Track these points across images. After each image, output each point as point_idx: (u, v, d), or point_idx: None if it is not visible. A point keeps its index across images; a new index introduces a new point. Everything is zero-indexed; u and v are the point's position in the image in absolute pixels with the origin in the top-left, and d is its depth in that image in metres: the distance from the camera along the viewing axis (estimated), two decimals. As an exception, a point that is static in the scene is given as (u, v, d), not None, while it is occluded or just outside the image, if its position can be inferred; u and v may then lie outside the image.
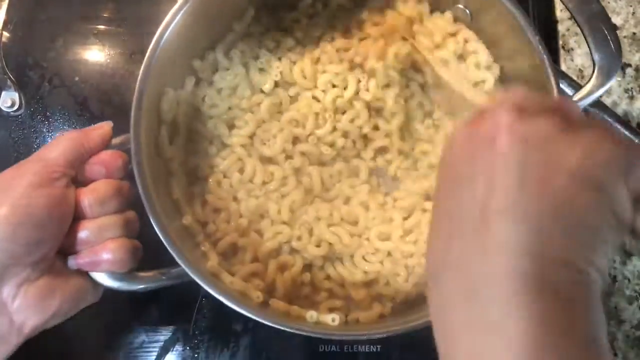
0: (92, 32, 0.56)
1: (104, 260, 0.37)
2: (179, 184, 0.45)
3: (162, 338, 0.49)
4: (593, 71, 0.45)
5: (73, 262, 0.37)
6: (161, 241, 0.38)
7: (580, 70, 0.59)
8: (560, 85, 0.44)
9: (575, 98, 0.44)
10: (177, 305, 0.50)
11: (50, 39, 0.55)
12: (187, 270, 0.38)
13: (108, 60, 0.55)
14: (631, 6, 0.61)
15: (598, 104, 0.55)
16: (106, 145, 0.39)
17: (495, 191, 0.24)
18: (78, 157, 0.37)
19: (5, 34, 0.55)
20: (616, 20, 0.60)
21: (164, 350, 0.49)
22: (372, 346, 0.48)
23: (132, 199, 0.39)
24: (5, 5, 0.50)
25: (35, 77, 0.54)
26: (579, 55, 0.59)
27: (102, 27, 0.56)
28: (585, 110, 0.54)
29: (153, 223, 0.38)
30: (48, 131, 0.53)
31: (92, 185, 0.37)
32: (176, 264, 0.38)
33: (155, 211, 0.38)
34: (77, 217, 0.37)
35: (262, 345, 0.49)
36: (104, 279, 0.38)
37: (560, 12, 0.60)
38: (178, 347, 0.49)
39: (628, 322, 0.52)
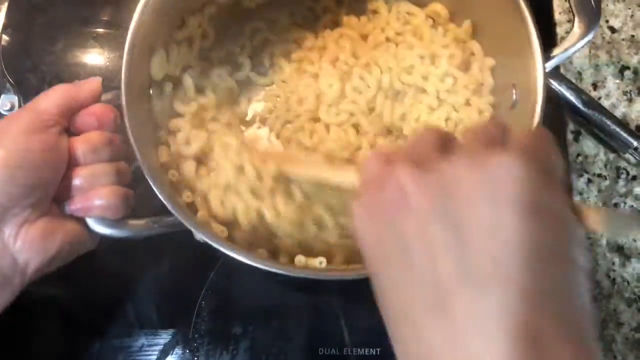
0: (92, 35, 0.56)
1: (96, 205, 0.38)
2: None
3: (162, 341, 0.49)
4: (572, 24, 0.45)
5: (67, 208, 0.39)
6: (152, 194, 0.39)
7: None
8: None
9: (555, 52, 0.45)
10: (176, 308, 0.50)
11: (49, 42, 0.55)
12: (178, 216, 0.38)
13: (107, 63, 0.56)
14: (629, 9, 0.61)
15: (596, 106, 0.55)
16: (96, 100, 0.41)
17: (438, 259, 0.22)
18: (69, 107, 0.39)
19: (5, 37, 0.55)
20: (614, 22, 0.60)
21: (164, 353, 0.49)
22: (371, 349, 0.48)
23: (122, 153, 0.41)
24: (4, 8, 0.50)
25: (35, 80, 0.54)
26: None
27: (101, 30, 0.56)
28: (581, 113, 0.55)
29: (145, 172, 0.39)
30: (47, 134, 0.53)
31: (84, 134, 0.39)
32: (167, 214, 0.39)
33: (148, 164, 0.40)
34: (71, 165, 0.38)
35: (261, 348, 0.49)
36: (96, 226, 0.39)
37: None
38: (178, 351, 0.49)
39: (627, 325, 0.52)
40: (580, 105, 0.55)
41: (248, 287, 0.51)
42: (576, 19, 0.45)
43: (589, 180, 0.56)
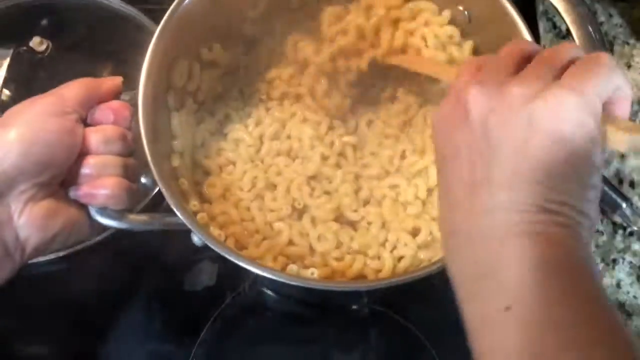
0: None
1: (101, 193, 0.40)
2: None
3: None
4: None
5: (73, 193, 0.40)
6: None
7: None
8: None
9: None
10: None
11: (49, 95, 0.56)
12: (179, 214, 0.40)
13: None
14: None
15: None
16: (116, 96, 0.43)
17: (476, 165, 0.29)
18: (89, 99, 0.41)
19: (6, 91, 0.55)
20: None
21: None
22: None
23: (133, 150, 0.42)
24: (6, 63, 0.51)
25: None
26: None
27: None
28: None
29: (154, 173, 0.41)
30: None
31: (100, 126, 0.41)
32: (169, 214, 0.41)
33: (158, 165, 0.42)
34: (82, 153, 0.40)
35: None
36: (97, 215, 0.40)
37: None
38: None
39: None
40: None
41: None
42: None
43: (586, 236, 0.56)
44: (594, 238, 0.55)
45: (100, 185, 0.40)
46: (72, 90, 0.40)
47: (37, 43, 0.57)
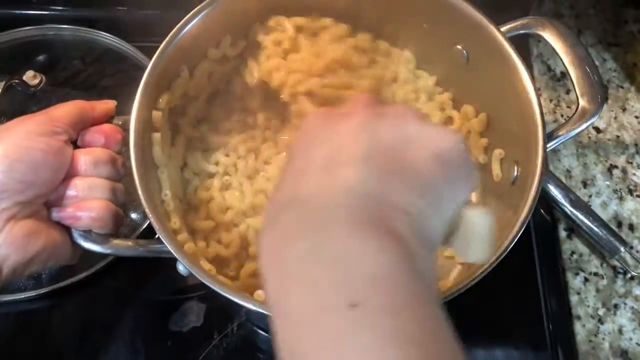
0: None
1: (85, 215, 0.39)
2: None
3: None
4: (577, 108, 0.46)
5: (56, 214, 0.39)
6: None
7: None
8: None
9: (560, 132, 0.46)
10: None
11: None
12: (168, 245, 0.39)
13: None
14: (612, 111, 0.62)
15: (583, 206, 0.55)
16: (108, 120, 0.42)
17: (344, 148, 0.28)
18: (81, 121, 0.40)
19: (-2, 125, 0.55)
20: (599, 123, 0.62)
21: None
22: None
23: (122, 174, 0.41)
24: (-3, 95, 0.51)
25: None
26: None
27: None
28: (568, 214, 0.54)
29: (142, 198, 0.40)
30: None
31: (90, 148, 0.40)
32: (155, 241, 0.40)
33: (146, 189, 0.41)
34: (70, 174, 0.39)
35: None
36: (80, 238, 0.39)
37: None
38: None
39: None
40: (567, 205, 0.55)
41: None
42: (580, 101, 0.45)
43: (586, 280, 0.54)
44: (593, 282, 0.54)
45: (85, 207, 0.39)
46: (64, 111, 0.40)
47: (31, 77, 0.56)
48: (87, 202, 0.39)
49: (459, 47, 0.50)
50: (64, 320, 0.52)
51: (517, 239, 0.40)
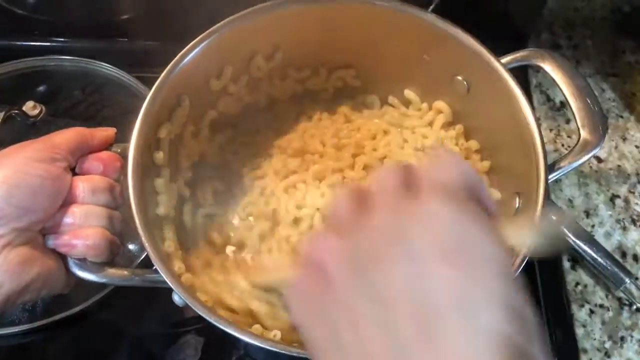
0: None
1: (80, 243, 0.38)
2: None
3: None
4: (578, 140, 0.45)
5: (51, 242, 0.39)
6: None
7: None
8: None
9: (562, 164, 0.45)
10: None
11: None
12: (161, 272, 0.38)
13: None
14: (613, 140, 0.62)
15: (586, 237, 0.54)
16: (107, 147, 0.42)
17: (367, 338, 0.21)
18: (80, 148, 0.40)
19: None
20: (600, 153, 0.61)
21: None
22: None
23: (119, 203, 0.41)
24: (-3, 125, 0.51)
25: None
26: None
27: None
28: (571, 245, 0.53)
29: (137, 224, 0.39)
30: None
31: (88, 175, 0.40)
32: (151, 270, 0.39)
33: (143, 217, 0.40)
34: (68, 201, 0.39)
35: None
36: (75, 267, 0.39)
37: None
38: None
39: None
40: (570, 235, 0.54)
41: None
42: (582, 133, 0.45)
43: (591, 312, 0.53)
44: (599, 314, 0.53)
45: (81, 235, 0.38)
46: (64, 138, 0.40)
47: (30, 107, 0.56)
48: (83, 229, 0.39)
49: (460, 77, 0.50)
50: (58, 355, 0.51)
51: (519, 271, 0.39)
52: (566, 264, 0.55)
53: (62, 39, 0.65)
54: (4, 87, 0.60)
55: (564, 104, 0.65)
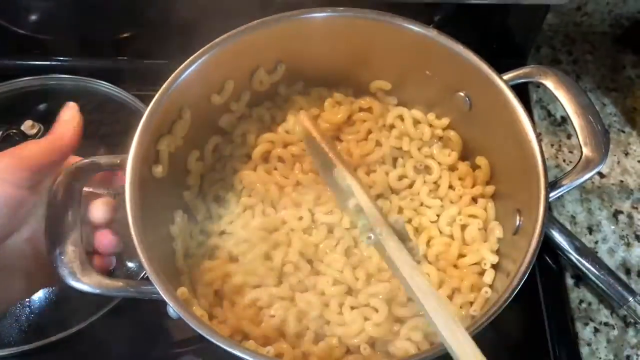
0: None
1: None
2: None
3: None
4: (580, 157, 0.45)
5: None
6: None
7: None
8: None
9: (564, 182, 0.45)
10: None
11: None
12: (153, 281, 0.38)
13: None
14: (615, 155, 0.62)
15: (589, 253, 0.53)
16: (77, 141, 0.42)
17: None
18: (52, 161, 0.40)
19: None
20: (602, 169, 0.61)
21: None
22: None
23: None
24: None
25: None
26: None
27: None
28: (573, 262, 0.53)
29: (136, 244, 0.39)
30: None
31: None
32: (147, 282, 0.39)
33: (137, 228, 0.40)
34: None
35: None
36: (69, 277, 0.39)
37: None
38: None
39: None
40: (573, 252, 0.54)
41: None
42: (584, 150, 0.45)
43: (596, 330, 0.52)
44: (604, 332, 0.52)
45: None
46: (33, 151, 0.39)
47: (29, 126, 0.56)
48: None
49: (462, 93, 0.50)
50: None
51: (518, 288, 0.39)
52: (569, 281, 0.55)
53: (62, 58, 0.66)
54: (3, 106, 0.60)
55: (565, 119, 0.64)
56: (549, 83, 0.47)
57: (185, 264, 0.48)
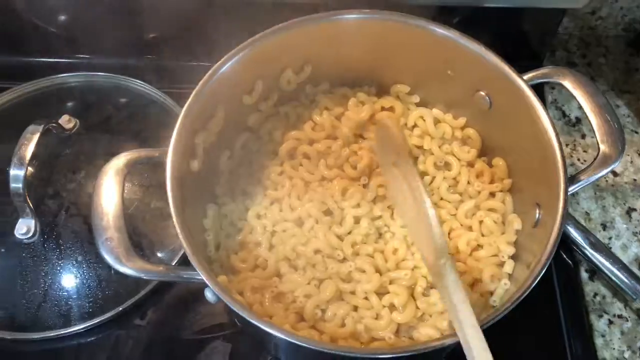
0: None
1: None
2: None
3: None
4: (597, 154, 0.47)
5: None
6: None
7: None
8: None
9: (582, 176, 0.47)
10: None
11: (72, 170, 0.57)
12: (201, 274, 0.40)
13: (125, 191, 0.56)
14: (629, 155, 0.64)
15: (603, 249, 0.55)
16: None
17: None
18: None
19: (30, 168, 0.55)
20: (616, 168, 0.63)
21: None
22: None
23: None
24: (36, 137, 0.52)
25: (54, 206, 0.55)
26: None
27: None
28: (588, 257, 0.55)
29: (176, 226, 0.41)
30: (58, 259, 0.53)
31: None
32: (186, 267, 0.41)
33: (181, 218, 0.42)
34: None
35: None
36: (114, 261, 0.40)
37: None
38: None
39: None
40: (588, 247, 0.56)
41: None
42: (601, 147, 0.47)
43: (610, 322, 0.54)
44: (618, 325, 0.54)
45: None
46: None
47: (66, 120, 0.59)
48: None
49: (482, 93, 0.52)
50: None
51: (538, 279, 0.41)
52: (584, 275, 0.57)
53: (94, 56, 0.68)
54: (41, 101, 0.63)
55: (579, 120, 0.66)
56: (567, 83, 0.49)
57: (217, 254, 0.51)
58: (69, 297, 0.52)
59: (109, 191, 0.43)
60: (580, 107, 0.49)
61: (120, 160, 0.44)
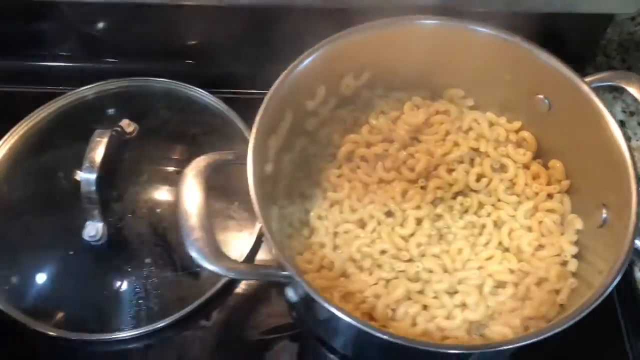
0: (176, 171, 0.59)
1: None
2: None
3: None
4: None
5: None
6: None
7: None
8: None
9: None
10: None
11: (135, 173, 0.58)
12: (291, 273, 0.41)
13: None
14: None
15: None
16: None
17: None
18: None
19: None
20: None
21: None
22: None
23: None
24: (105, 140, 0.53)
25: (119, 209, 0.56)
26: None
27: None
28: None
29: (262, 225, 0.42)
30: (125, 262, 0.54)
31: None
32: (268, 266, 0.44)
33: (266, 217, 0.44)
34: None
35: None
36: (199, 257, 0.41)
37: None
38: None
39: None
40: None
41: None
42: None
43: (666, 321, 0.55)
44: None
45: None
46: None
47: (127, 124, 0.59)
48: None
49: (541, 96, 0.53)
50: (161, 360, 0.53)
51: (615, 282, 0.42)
52: (638, 275, 0.57)
53: (146, 62, 0.68)
54: (98, 105, 0.64)
55: (623, 123, 0.67)
56: (632, 88, 0.50)
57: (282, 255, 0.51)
58: (136, 299, 0.53)
59: (193, 193, 0.43)
60: (624, 111, 0.50)
61: (200, 163, 0.45)
